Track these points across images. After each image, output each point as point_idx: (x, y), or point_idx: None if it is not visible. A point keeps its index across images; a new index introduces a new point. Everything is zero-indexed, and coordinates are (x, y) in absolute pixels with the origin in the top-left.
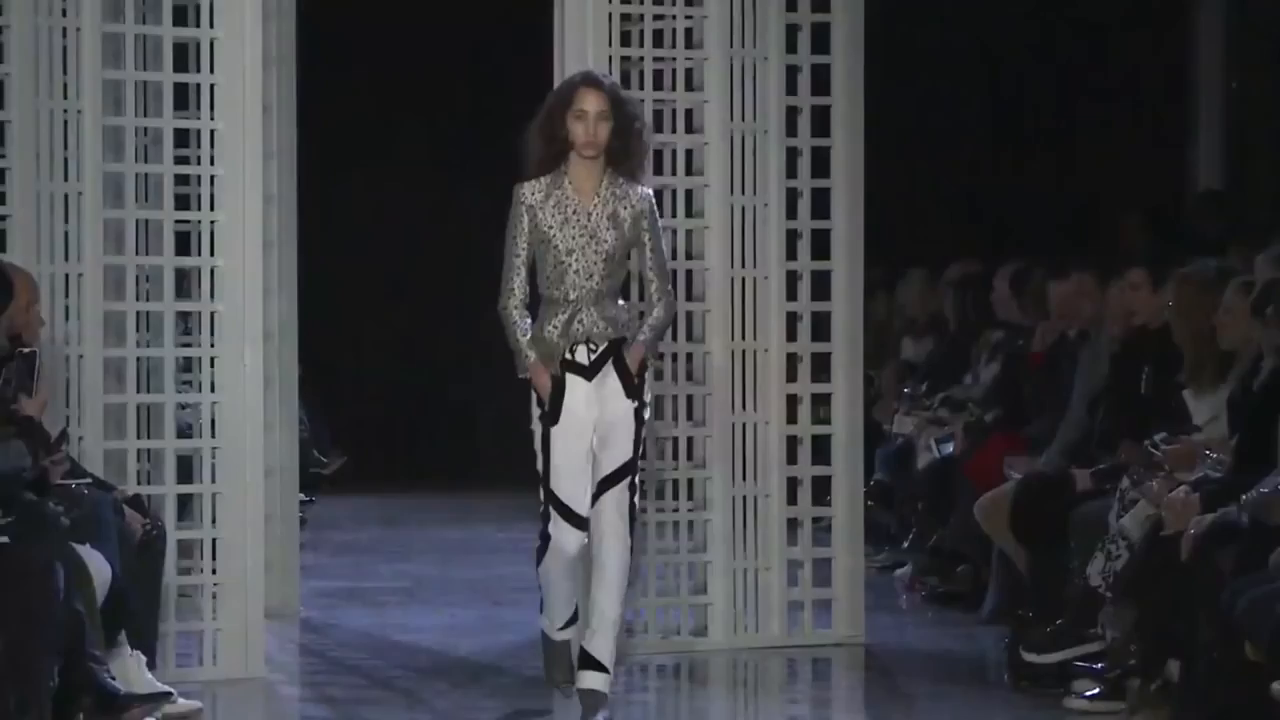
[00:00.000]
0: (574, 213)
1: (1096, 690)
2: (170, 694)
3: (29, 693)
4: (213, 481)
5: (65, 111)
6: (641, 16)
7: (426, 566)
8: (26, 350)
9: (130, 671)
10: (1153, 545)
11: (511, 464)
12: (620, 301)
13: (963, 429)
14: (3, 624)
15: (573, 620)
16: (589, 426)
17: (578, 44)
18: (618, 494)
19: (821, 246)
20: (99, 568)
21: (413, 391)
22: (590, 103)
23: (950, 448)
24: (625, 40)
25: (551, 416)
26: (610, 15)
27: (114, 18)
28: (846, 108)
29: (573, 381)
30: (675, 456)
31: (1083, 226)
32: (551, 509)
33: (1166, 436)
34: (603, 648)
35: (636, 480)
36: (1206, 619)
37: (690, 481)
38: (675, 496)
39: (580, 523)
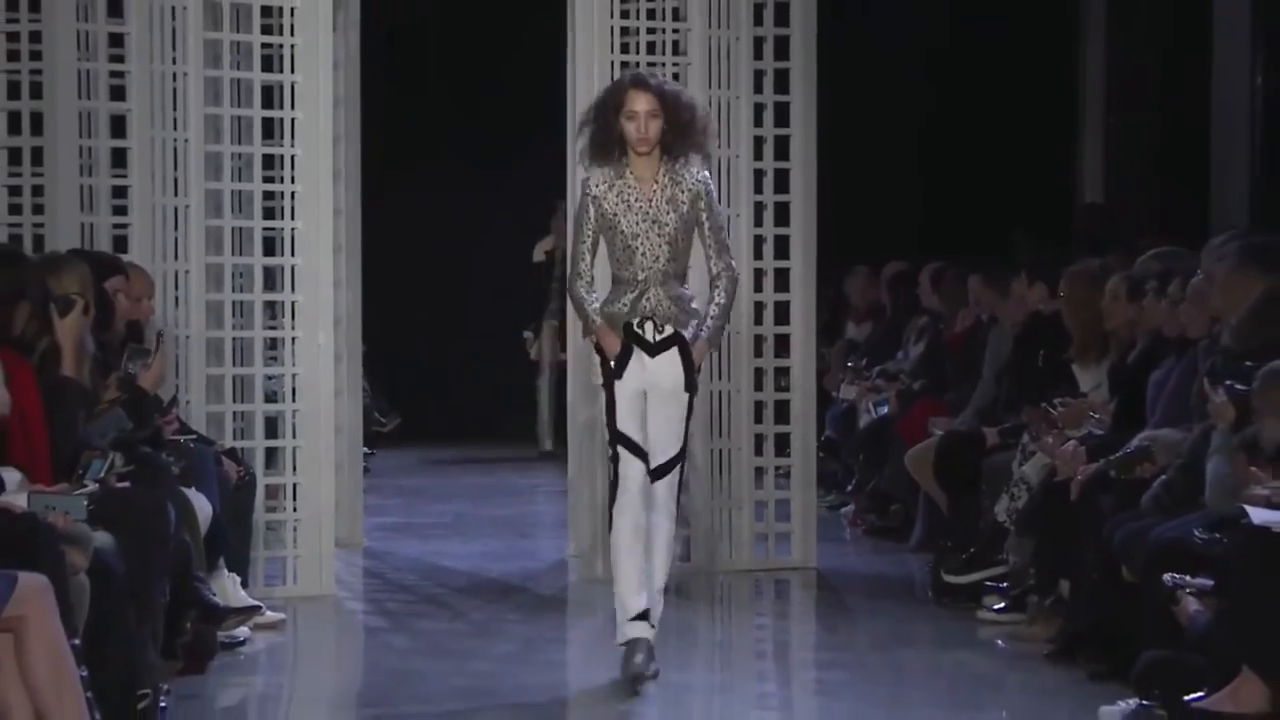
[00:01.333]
0: (636, 200)
1: (1002, 605)
2: (259, 607)
3: (147, 607)
4: (293, 437)
5: (175, 140)
6: (638, 30)
7: (464, 505)
8: (146, 343)
9: (227, 589)
10: (1047, 488)
11: (529, 425)
12: (685, 285)
13: (895, 395)
14: (125, 552)
15: (643, 615)
16: (644, 385)
17: (586, 51)
18: (669, 480)
19: (782, 249)
20: (202, 506)
21: (453, 365)
22: (640, 103)
23: (885, 410)
24: (625, 49)
25: (616, 372)
26: (612, 28)
27: (213, 64)
28: (802, 137)
29: (637, 354)
30: None
31: (992, 232)
32: (619, 447)
33: (1061, 401)
34: (648, 603)
35: (684, 466)
36: (1090, 548)
37: None
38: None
39: (642, 454)
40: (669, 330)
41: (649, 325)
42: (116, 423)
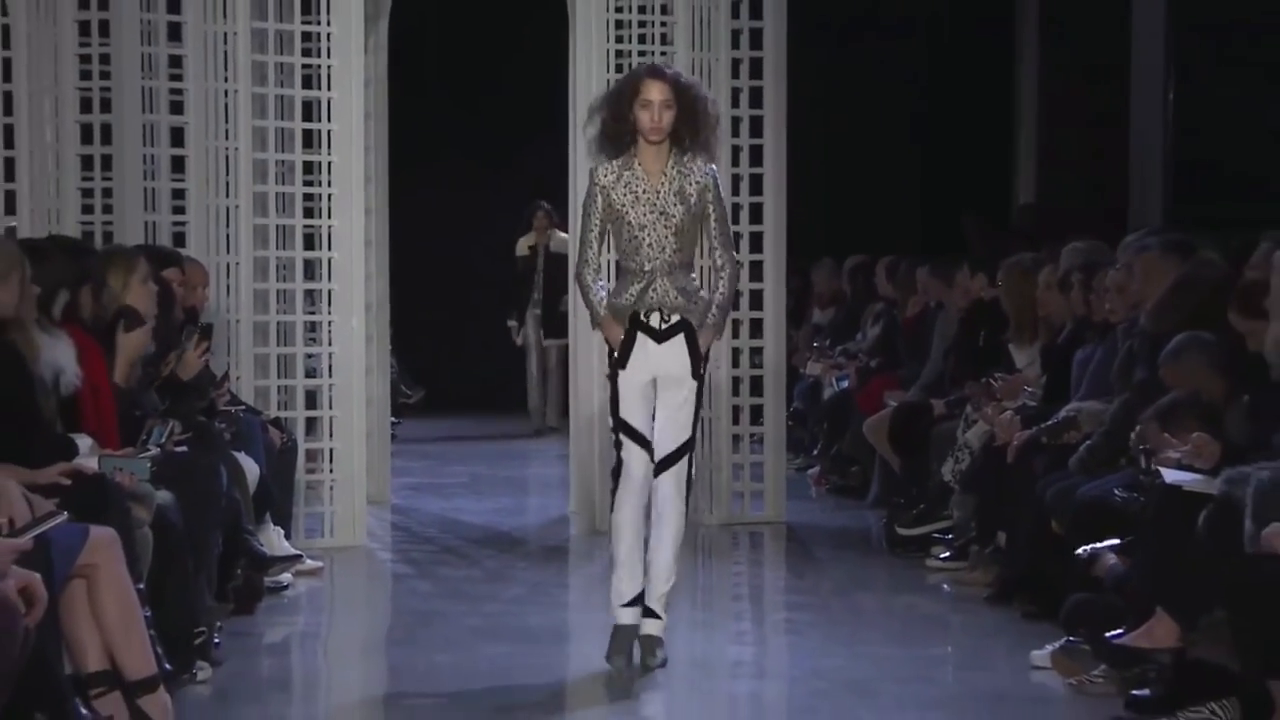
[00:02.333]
0: (644, 191)
1: (948, 554)
2: (300, 556)
3: (202, 556)
4: (330, 408)
5: (226, 149)
6: (630, 22)
7: (479, 467)
8: (204, 323)
9: (273, 541)
10: (987, 452)
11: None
12: (691, 275)
13: (855, 372)
14: (183, 508)
15: (637, 600)
16: (651, 372)
17: (586, 40)
18: (677, 469)
19: (756, 244)
20: (250, 468)
21: (470, 346)
22: (655, 92)
23: (846, 384)
24: (619, 40)
25: (620, 362)
26: (608, 21)
27: (260, 83)
28: (774, 148)
29: (641, 338)
30: None
31: (941, 229)
32: (622, 435)
33: (999, 376)
34: (657, 595)
35: (692, 456)
36: (1024, 504)
37: None
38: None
39: (645, 444)
40: (676, 319)
41: (655, 315)
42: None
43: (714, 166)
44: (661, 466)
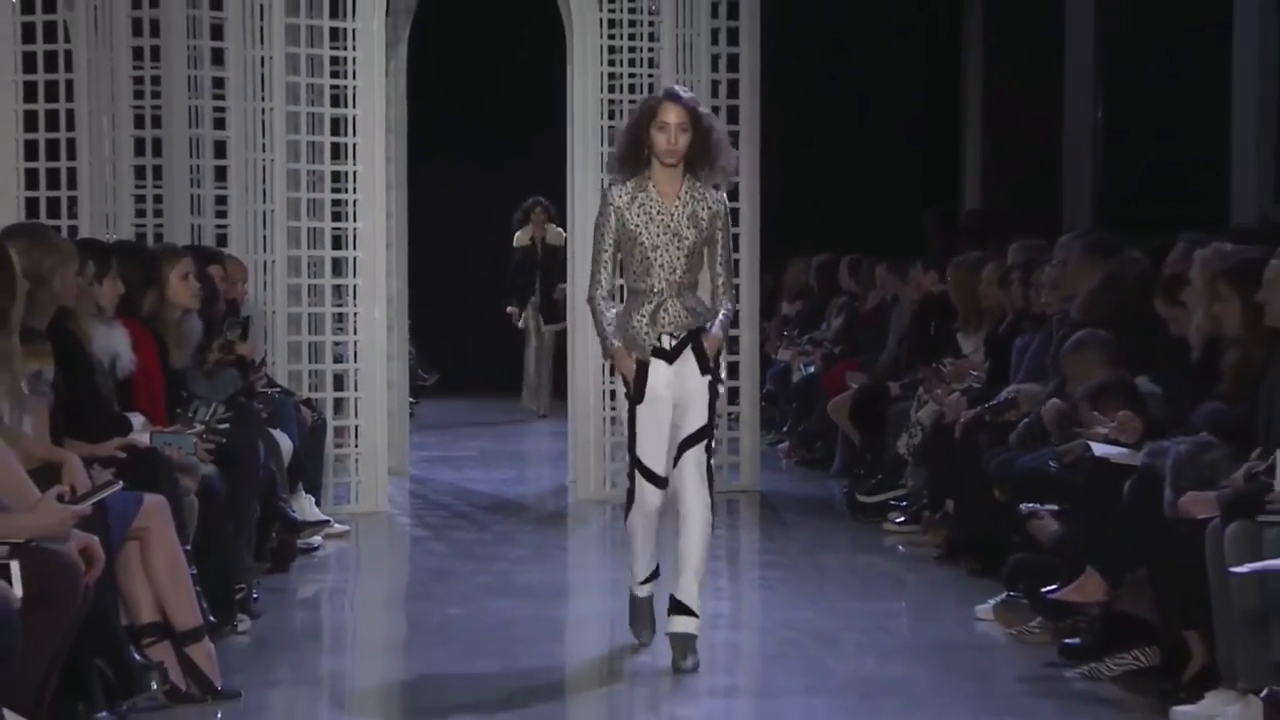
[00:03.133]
0: (658, 213)
1: (902, 518)
2: (329, 521)
3: (242, 521)
4: (355, 390)
5: (263, 160)
6: (622, 47)
7: (488, 442)
8: (244, 316)
9: (305, 507)
10: (937, 428)
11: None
12: (699, 294)
13: (820, 358)
14: (225, 478)
15: (652, 576)
16: (669, 403)
17: (582, 61)
18: (696, 454)
19: (734, 243)
20: (285, 443)
21: (478, 334)
22: (671, 115)
23: (812, 369)
24: (612, 64)
25: (637, 396)
26: (602, 46)
27: (293, 101)
28: (748, 155)
29: (655, 365)
30: None
31: (898, 229)
32: (637, 471)
33: (948, 361)
34: (690, 594)
35: (712, 444)
36: (970, 475)
37: None
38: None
39: (660, 483)
40: (684, 334)
41: (665, 338)
42: (233, 381)
43: (724, 194)
44: (683, 447)
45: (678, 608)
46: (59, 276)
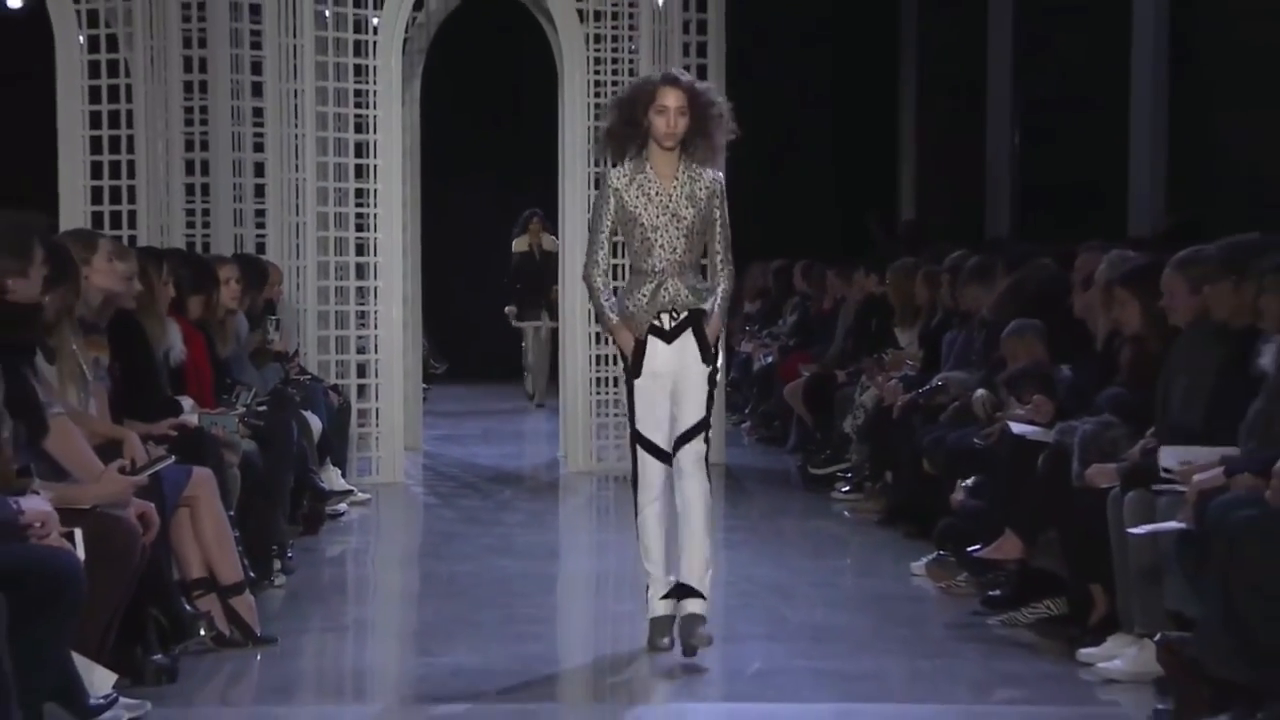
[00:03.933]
0: (656, 194)
1: (848, 488)
2: (353, 491)
3: (278, 490)
4: (375, 377)
5: (296, 179)
6: (604, 61)
7: (491, 423)
8: (276, 316)
9: (332, 478)
10: (878, 411)
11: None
12: (699, 273)
13: (778, 350)
14: (264, 454)
15: (672, 593)
16: (668, 380)
17: (571, 86)
18: (695, 447)
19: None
20: (315, 423)
21: (483, 327)
22: (671, 99)
23: (771, 359)
24: (597, 94)
25: (634, 371)
26: (588, 81)
27: (322, 128)
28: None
29: (653, 343)
30: (617, 363)
31: (843, 236)
32: (639, 447)
33: (887, 352)
34: (696, 576)
35: (709, 435)
36: (905, 450)
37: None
38: (615, 386)
39: (663, 456)
40: (684, 314)
41: (666, 316)
42: (276, 374)
43: (720, 173)
44: (680, 442)
45: (686, 591)
46: (132, 280)
